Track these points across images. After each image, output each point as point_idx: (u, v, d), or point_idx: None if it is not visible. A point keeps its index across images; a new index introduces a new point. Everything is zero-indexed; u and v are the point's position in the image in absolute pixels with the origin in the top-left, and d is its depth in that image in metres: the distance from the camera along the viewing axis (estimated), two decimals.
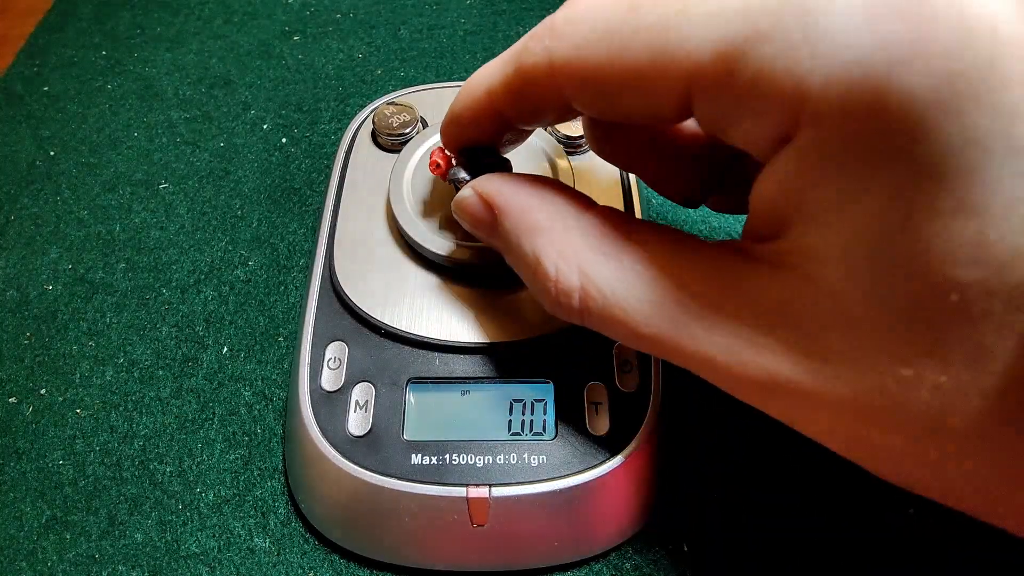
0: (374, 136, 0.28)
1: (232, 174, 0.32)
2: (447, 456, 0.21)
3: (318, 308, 0.24)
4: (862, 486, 0.23)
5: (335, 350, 0.23)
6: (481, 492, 0.20)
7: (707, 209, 0.26)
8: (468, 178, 0.21)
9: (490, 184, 0.19)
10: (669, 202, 0.26)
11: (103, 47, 0.38)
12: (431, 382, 0.22)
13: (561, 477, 0.20)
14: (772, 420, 0.15)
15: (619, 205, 0.26)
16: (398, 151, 0.26)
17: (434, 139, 0.26)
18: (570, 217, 0.18)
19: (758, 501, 0.23)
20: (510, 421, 0.21)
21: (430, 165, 0.22)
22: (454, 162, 0.22)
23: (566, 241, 0.17)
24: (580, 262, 0.17)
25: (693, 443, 0.24)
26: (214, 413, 0.25)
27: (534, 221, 0.18)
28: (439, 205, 0.24)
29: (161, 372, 0.26)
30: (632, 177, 0.27)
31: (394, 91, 0.31)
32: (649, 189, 0.23)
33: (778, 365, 0.14)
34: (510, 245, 0.19)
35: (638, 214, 0.26)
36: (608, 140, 0.20)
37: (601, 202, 0.18)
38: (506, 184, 0.19)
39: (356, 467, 0.20)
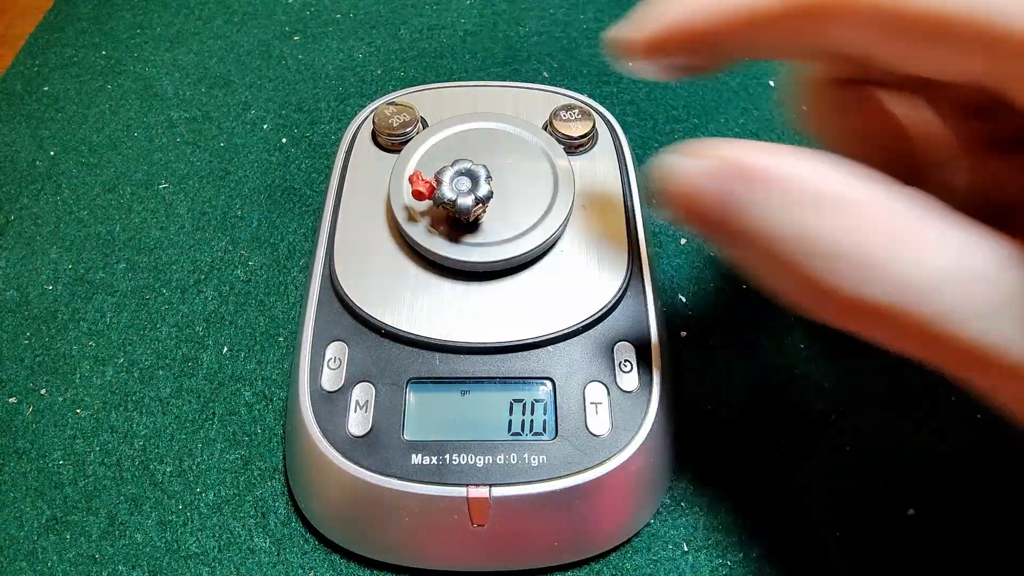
0: (374, 136, 0.28)
1: (232, 174, 0.32)
2: (447, 456, 0.21)
3: (318, 308, 0.24)
4: (862, 487, 0.23)
5: (335, 350, 0.23)
6: (481, 492, 0.20)
7: None
8: (454, 198, 0.21)
9: (735, 148, 0.14)
10: None
11: (103, 47, 0.38)
12: (431, 382, 0.22)
13: (561, 477, 0.20)
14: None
15: (619, 209, 0.26)
16: (398, 151, 0.26)
17: (434, 139, 0.26)
18: (881, 192, 0.13)
19: (758, 501, 0.23)
20: (510, 421, 0.21)
21: (413, 194, 0.23)
22: (435, 184, 0.22)
23: (890, 221, 0.13)
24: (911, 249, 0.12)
25: (693, 442, 0.24)
26: (214, 413, 0.25)
27: (836, 193, 0.13)
28: None
29: (161, 372, 0.26)
30: (633, 179, 0.27)
31: (394, 91, 0.30)
32: None
33: None
34: (778, 229, 0.13)
35: (639, 216, 0.26)
36: (845, 114, 0.16)
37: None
38: (757, 148, 0.14)
39: (356, 467, 0.20)
